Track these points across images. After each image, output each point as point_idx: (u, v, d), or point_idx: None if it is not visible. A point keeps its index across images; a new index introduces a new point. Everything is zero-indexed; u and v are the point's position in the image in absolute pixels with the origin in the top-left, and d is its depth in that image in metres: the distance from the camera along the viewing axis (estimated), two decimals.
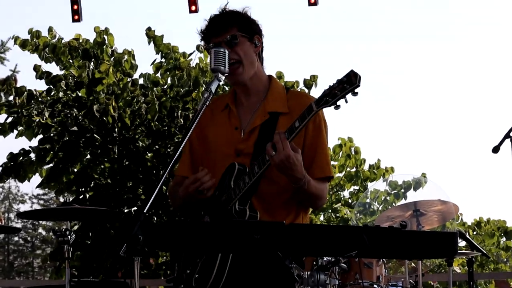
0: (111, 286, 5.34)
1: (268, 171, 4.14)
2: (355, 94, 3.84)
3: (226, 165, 4.27)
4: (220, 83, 4.17)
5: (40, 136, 11.74)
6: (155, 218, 11.18)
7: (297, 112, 4.06)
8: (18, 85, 12.02)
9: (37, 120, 11.50)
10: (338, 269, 6.75)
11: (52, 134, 11.57)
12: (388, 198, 13.22)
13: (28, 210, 15.80)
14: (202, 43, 4.52)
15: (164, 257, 11.63)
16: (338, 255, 3.57)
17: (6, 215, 44.97)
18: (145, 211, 3.67)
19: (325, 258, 3.90)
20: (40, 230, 44.12)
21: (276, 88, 4.41)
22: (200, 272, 4.19)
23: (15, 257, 45.75)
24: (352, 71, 3.86)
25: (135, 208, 11.65)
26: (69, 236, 4.95)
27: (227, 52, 4.14)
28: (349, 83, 3.83)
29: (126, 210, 11.42)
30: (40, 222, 41.95)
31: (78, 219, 5.70)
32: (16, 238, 44.43)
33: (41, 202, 45.49)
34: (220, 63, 4.12)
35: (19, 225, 40.61)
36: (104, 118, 11.49)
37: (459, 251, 8.66)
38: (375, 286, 7.06)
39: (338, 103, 3.88)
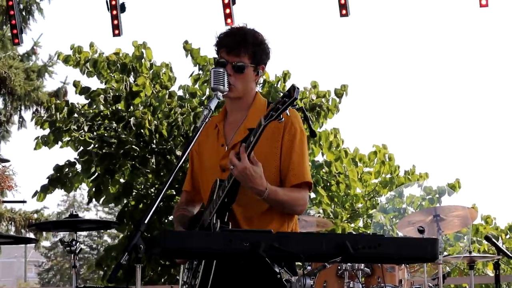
0: None
1: None
2: (294, 106, 3.98)
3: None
4: (220, 101, 4.45)
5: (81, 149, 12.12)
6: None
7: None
8: (68, 97, 12.43)
9: (77, 135, 11.89)
10: (361, 273, 7.02)
11: (91, 147, 11.93)
12: (423, 203, 13.36)
13: (38, 222, 15.94)
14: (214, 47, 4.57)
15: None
16: (323, 261, 3.79)
17: None
18: (145, 221, 3.97)
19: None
20: (106, 237, 44.49)
21: (257, 105, 4.54)
22: (188, 280, 4.45)
23: (81, 264, 46.27)
24: (292, 85, 3.98)
25: (171, 217, 12.01)
26: (75, 246, 5.26)
27: (225, 72, 4.37)
28: (288, 97, 3.97)
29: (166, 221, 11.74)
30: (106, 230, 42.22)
31: (84, 230, 5.98)
32: (83, 246, 44.69)
33: (106, 209, 45.83)
34: (220, 83, 4.38)
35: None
36: (142, 131, 11.84)
37: (489, 254, 8.79)
38: None
39: (281, 116, 4.00)
